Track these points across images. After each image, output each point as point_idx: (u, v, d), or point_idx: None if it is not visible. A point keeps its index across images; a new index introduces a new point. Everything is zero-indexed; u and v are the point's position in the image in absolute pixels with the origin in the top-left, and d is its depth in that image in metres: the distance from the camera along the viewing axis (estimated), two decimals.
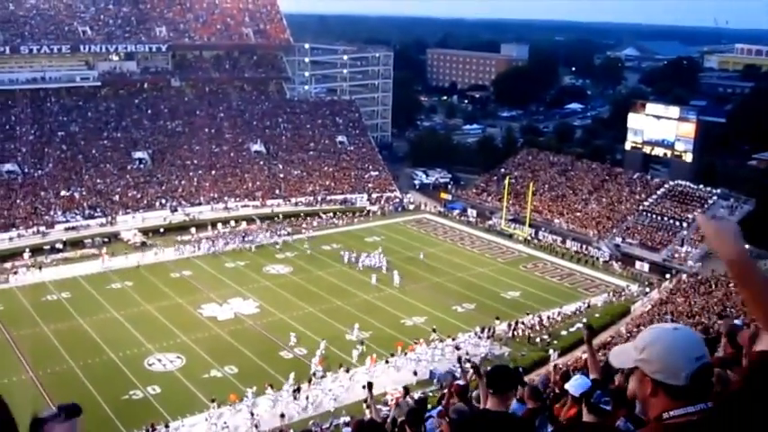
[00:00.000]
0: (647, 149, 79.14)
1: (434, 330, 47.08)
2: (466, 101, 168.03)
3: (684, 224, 66.76)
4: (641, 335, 2.98)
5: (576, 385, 6.72)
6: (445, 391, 14.77)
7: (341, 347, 44.90)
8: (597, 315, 50.93)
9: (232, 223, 71.34)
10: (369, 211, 78.12)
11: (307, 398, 38.14)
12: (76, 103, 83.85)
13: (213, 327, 48.31)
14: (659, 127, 77.30)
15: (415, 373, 40.92)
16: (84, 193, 72.86)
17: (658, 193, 72.86)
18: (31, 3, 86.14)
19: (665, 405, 2.84)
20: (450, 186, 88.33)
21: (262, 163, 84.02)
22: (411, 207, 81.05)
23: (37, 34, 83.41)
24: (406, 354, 43.75)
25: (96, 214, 70.52)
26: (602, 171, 79.96)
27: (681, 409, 2.81)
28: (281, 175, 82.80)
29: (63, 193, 71.87)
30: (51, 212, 69.20)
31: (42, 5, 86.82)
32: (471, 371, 11.62)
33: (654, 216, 69.62)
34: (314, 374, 40.70)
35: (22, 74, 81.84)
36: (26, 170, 73.46)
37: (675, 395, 2.84)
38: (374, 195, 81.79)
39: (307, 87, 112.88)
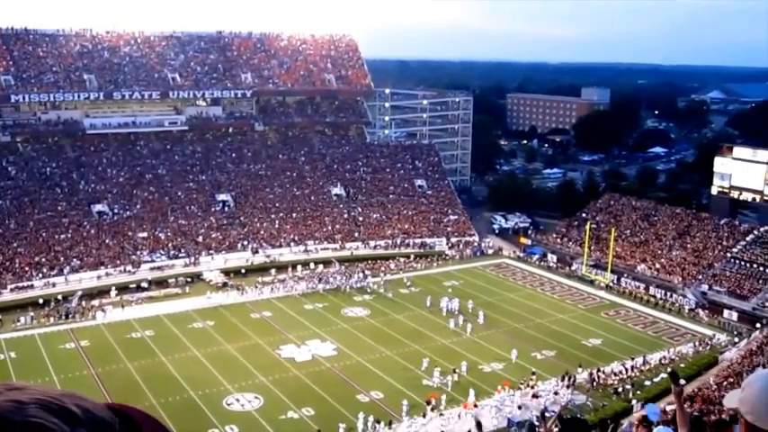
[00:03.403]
0: (734, 194, 76.86)
1: (534, 374, 46.55)
2: (546, 145, 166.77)
3: None
4: (749, 376, 2.95)
5: (650, 412, 6.52)
6: None
7: (419, 393, 44.42)
8: (683, 365, 49.25)
9: (311, 265, 72.08)
10: (447, 255, 77.83)
11: None
12: (164, 146, 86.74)
13: (291, 368, 48.64)
14: (748, 171, 75.04)
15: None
16: (169, 233, 74.89)
17: (747, 239, 70.47)
18: (124, 51, 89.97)
19: None
20: (529, 231, 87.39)
21: (341, 206, 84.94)
22: (490, 252, 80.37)
23: (129, 81, 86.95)
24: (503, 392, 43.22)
25: (180, 255, 72.32)
26: (687, 216, 77.84)
27: None
28: (361, 219, 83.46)
29: (149, 233, 74.05)
30: (138, 252, 71.30)
31: (135, 54, 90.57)
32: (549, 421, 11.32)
33: (743, 263, 67.29)
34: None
35: (114, 118, 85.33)
36: (116, 211, 76.06)
37: None
38: (453, 239, 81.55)
39: (387, 132, 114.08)
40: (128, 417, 1.63)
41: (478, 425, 12.90)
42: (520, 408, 41.71)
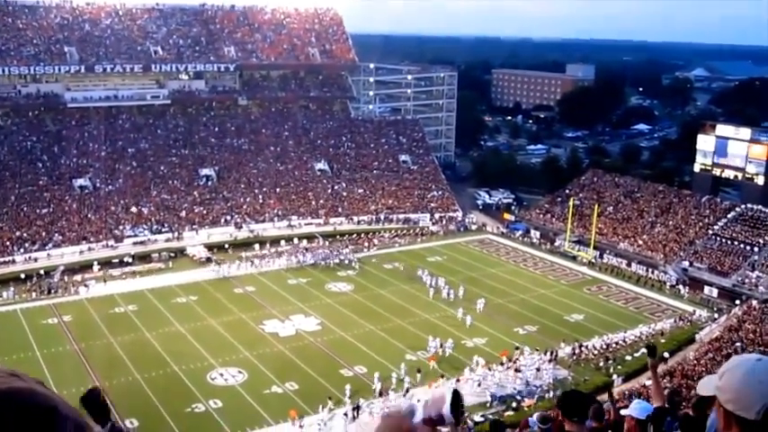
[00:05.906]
0: (716, 172, 77.31)
1: (517, 348, 46.92)
2: (530, 121, 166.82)
3: (755, 249, 64.92)
4: (727, 362, 2.86)
5: (639, 409, 6.58)
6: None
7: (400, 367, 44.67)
8: (663, 341, 49.72)
9: (295, 240, 72.03)
10: (431, 231, 77.93)
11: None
12: (147, 120, 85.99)
13: (275, 343, 48.74)
14: (730, 149, 75.43)
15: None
16: (152, 208, 74.52)
17: (728, 216, 71.01)
18: (105, 24, 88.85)
19: None
20: (513, 207, 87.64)
21: (325, 181, 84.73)
22: (473, 227, 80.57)
23: (111, 54, 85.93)
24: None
25: (163, 229, 72.01)
26: (670, 193, 78.30)
27: None
28: (344, 194, 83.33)
29: (132, 208, 73.66)
30: (120, 227, 70.96)
31: (116, 26, 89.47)
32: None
33: (723, 240, 67.83)
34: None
35: (95, 92, 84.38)
36: (98, 185, 75.53)
37: (747, 429, 2.62)
38: (436, 215, 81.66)
39: (371, 107, 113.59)
40: None
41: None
42: (479, 385, 41.86)
